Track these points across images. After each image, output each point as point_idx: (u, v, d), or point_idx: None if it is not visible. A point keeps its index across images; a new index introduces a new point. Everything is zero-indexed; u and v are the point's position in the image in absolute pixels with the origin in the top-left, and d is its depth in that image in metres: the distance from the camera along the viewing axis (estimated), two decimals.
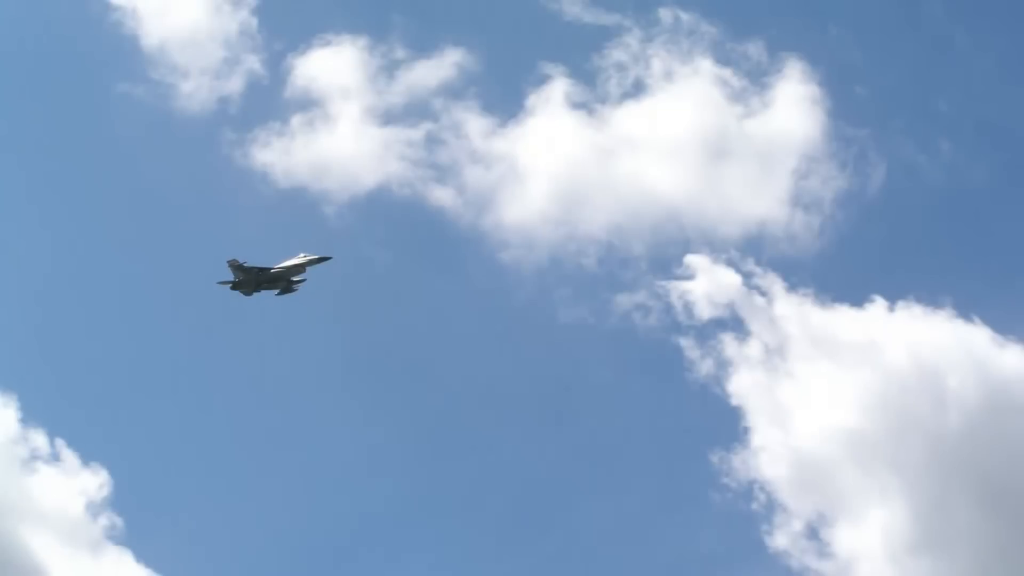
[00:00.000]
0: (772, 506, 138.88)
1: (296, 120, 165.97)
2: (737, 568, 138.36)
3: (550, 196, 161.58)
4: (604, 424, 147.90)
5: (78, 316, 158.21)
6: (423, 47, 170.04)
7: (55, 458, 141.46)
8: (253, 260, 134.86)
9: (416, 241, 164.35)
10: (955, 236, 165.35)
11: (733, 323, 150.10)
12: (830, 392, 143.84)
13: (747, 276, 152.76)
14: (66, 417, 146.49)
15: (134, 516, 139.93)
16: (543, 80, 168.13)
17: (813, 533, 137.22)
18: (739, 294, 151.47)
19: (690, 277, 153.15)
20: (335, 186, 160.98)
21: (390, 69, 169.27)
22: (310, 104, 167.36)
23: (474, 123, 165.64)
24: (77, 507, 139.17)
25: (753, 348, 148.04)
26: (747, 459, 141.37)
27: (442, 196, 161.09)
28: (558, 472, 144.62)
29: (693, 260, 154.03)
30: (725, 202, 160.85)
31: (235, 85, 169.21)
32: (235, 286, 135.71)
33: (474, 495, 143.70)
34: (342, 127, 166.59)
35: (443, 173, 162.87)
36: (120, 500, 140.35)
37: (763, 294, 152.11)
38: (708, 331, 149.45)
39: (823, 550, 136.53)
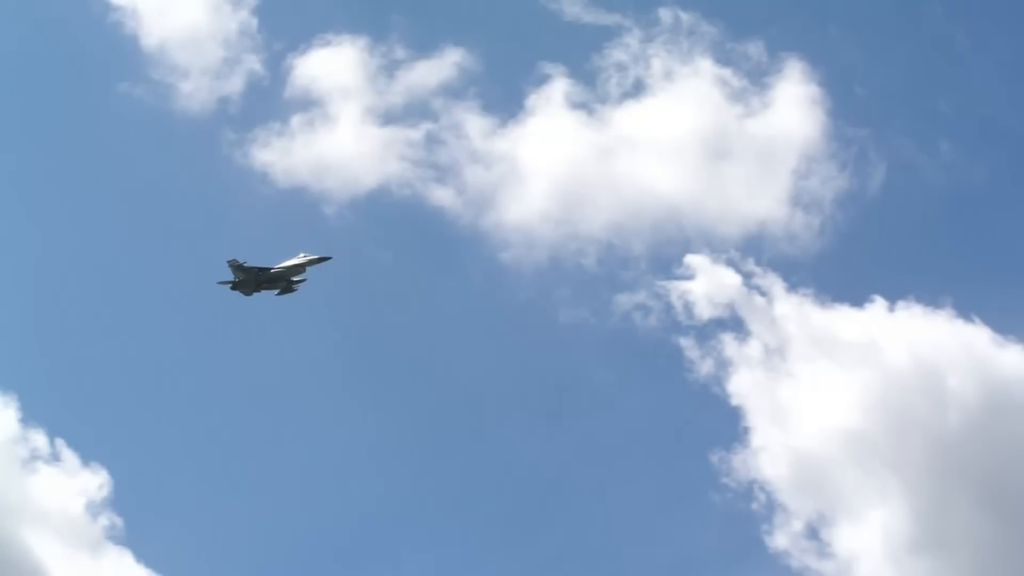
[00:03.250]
0: (772, 506, 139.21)
1: (296, 120, 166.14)
2: (737, 568, 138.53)
3: (550, 196, 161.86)
4: (604, 424, 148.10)
5: (78, 316, 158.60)
6: (423, 47, 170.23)
7: (55, 458, 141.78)
8: (253, 260, 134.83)
9: (416, 241, 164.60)
10: (955, 236, 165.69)
11: (733, 323, 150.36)
12: (830, 392, 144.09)
13: (747, 276, 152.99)
14: (66, 417, 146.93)
15: (134, 516, 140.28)
16: (543, 80, 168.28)
17: (813, 533, 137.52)
18: (739, 294, 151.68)
19: (690, 277, 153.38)
20: (335, 186, 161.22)
21: (390, 69, 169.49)
22: (310, 104, 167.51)
23: (474, 123, 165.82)
24: (77, 507, 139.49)
25: (753, 348, 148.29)
26: (747, 459, 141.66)
27: (442, 196, 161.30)
28: (558, 472, 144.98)
29: (693, 260, 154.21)
30: (725, 202, 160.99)
31: (235, 85, 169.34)
32: (235, 286, 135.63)
33: (474, 494, 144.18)
34: (342, 127, 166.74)
35: (443, 173, 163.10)
36: (120, 500, 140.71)
37: (763, 294, 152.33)
38: (708, 331, 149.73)
39: (823, 550, 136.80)
